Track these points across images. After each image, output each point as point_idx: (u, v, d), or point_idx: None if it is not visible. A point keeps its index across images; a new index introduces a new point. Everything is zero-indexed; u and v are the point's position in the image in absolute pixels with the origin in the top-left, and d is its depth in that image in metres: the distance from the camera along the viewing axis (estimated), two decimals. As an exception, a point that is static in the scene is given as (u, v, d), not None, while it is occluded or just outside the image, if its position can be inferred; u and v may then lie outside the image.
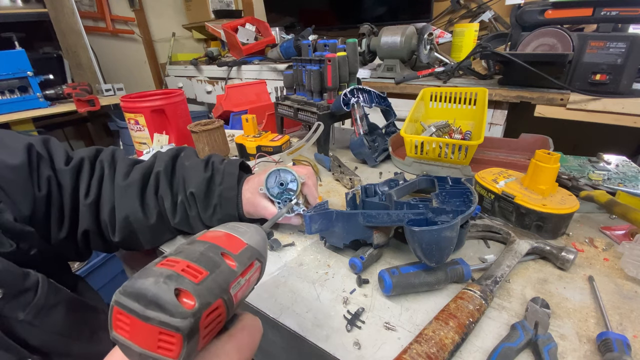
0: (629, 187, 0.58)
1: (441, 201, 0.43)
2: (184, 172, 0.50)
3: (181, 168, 0.50)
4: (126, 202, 0.46)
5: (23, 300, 0.34)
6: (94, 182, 0.46)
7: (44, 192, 0.42)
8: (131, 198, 0.46)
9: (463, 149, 0.65)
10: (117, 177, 0.47)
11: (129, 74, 2.66)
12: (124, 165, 0.49)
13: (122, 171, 0.48)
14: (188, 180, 0.49)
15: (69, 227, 0.44)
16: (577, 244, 0.47)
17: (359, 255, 0.43)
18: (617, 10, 0.90)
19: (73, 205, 0.44)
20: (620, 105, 0.95)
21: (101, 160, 0.48)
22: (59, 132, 2.31)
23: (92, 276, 1.11)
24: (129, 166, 0.49)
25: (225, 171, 0.50)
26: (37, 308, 0.35)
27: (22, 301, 0.34)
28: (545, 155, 0.47)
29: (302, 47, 0.83)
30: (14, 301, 0.33)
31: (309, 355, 0.36)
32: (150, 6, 2.68)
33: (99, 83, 1.99)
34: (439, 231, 0.35)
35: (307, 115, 0.79)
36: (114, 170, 0.48)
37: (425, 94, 0.85)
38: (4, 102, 1.54)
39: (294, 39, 1.71)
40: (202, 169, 0.50)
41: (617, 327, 0.34)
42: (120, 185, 0.46)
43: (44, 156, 0.44)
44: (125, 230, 0.47)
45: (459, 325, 0.32)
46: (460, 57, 1.36)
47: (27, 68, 1.56)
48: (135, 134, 0.87)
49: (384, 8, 1.81)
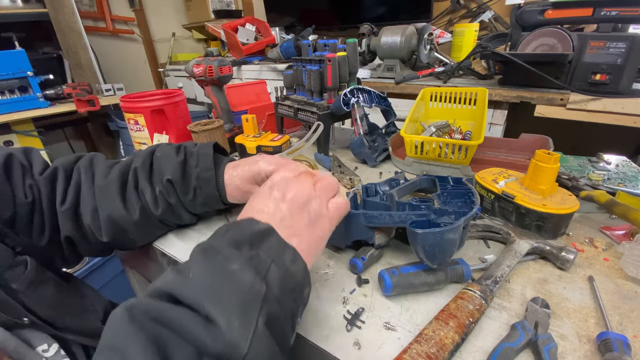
0: (629, 187, 0.58)
1: (443, 202, 0.43)
2: (158, 164, 0.49)
3: (156, 160, 0.50)
4: (107, 201, 0.46)
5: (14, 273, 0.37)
6: (70, 189, 0.46)
7: (29, 199, 0.43)
8: (111, 196, 0.46)
9: (463, 149, 0.65)
10: (97, 179, 0.47)
11: (129, 74, 2.66)
12: (103, 167, 0.49)
13: (101, 173, 0.48)
14: (163, 169, 0.48)
15: (50, 234, 0.45)
16: (577, 244, 0.47)
17: (360, 256, 0.43)
18: (617, 10, 0.90)
19: (51, 213, 0.45)
20: (620, 105, 0.95)
21: (78, 167, 0.48)
22: (59, 132, 2.31)
23: (92, 276, 1.11)
24: (107, 167, 0.49)
25: (199, 153, 0.49)
26: (28, 280, 0.38)
27: (13, 273, 0.37)
28: (545, 155, 0.47)
29: (302, 47, 0.83)
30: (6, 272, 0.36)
31: (309, 355, 0.36)
32: (150, 6, 2.68)
33: (99, 83, 1.99)
34: (442, 233, 0.35)
35: (307, 115, 0.79)
36: (92, 174, 0.48)
37: (425, 94, 0.85)
38: (4, 102, 1.55)
39: (294, 39, 1.71)
40: (174, 154, 0.49)
41: (617, 327, 0.34)
42: (99, 185, 0.47)
43: (25, 165, 0.45)
44: (112, 229, 0.47)
45: (459, 325, 0.32)
46: (460, 57, 1.36)
47: (27, 68, 1.56)
48: (135, 134, 0.87)
49: (384, 8, 1.81)
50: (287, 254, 0.30)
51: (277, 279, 0.28)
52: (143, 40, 2.70)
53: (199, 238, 0.53)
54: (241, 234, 0.30)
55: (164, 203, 0.48)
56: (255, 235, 0.30)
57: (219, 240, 0.29)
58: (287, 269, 0.29)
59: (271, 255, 0.29)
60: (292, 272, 0.29)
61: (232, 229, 0.31)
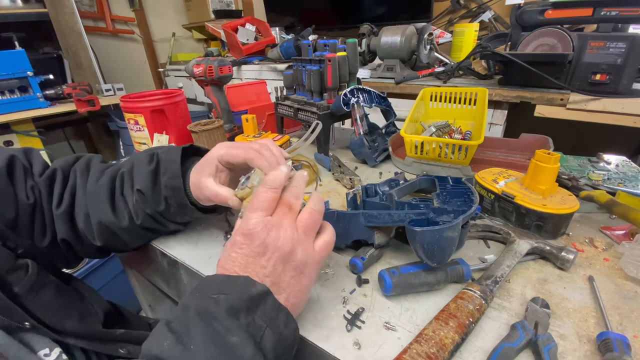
0: (629, 187, 0.58)
1: (442, 201, 0.43)
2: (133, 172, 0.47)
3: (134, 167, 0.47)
4: (97, 206, 0.46)
5: (16, 276, 0.37)
6: (67, 192, 0.46)
7: (31, 200, 0.43)
8: (101, 201, 0.46)
9: (463, 149, 0.65)
10: (89, 183, 0.47)
11: (129, 74, 2.66)
12: (97, 170, 0.48)
13: (94, 177, 0.47)
14: (135, 178, 0.46)
15: (51, 236, 0.45)
16: (577, 244, 0.47)
17: (360, 256, 0.43)
18: (617, 10, 0.90)
19: (51, 214, 0.45)
20: (620, 105, 0.95)
21: (74, 169, 0.48)
22: (59, 132, 2.31)
23: (92, 276, 1.11)
24: (99, 172, 0.48)
25: (167, 159, 0.46)
26: (30, 284, 0.38)
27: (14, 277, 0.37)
28: (545, 155, 0.47)
29: (302, 47, 0.83)
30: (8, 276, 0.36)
31: (309, 355, 0.36)
32: (150, 6, 2.68)
33: (99, 83, 1.99)
34: (440, 231, 0.35)
35: (307, 115, 0.79)
36: (86, 177, 0.47)
37: (425, 94, 0.85)
38: (4, 102, 1.54)
39: (294, 39, 1.71)
40: (147, 163, 0.46)
41: (617, 327, 0.34)
42: (90, 190, 0.46)
43: (27, 167, 0.45)
44: (104, 234, 0.46)
45: (459, 325, 0.32)
46: (460, 57, 1.36)
47: (27, 68, 1.56)
48: (135, 134, 0.87)
49: (384, 8, 1.81)
50: (281, 317, 0.30)
51: (272, 344, 0.28)
52: (143, 40, 2.70)
53: (198, 239, 0.53)
54: (238, 299, 0.28)
55: (142, 213, 0.46)
56: (252, 299, 0.29)
57: (216, 305, 0.28)
58: (281, 333, 0.29)
59: (266, 320, 0.29)
60: (285, 336, 0.30)
61: (228, 288, 0.29)
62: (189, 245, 0.52)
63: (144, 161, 0.46)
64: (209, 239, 0.53)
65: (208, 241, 0.52)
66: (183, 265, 0.48)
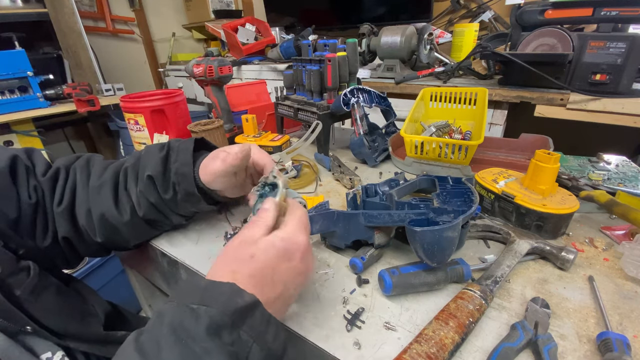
0: (629, 187, 0.58)
1: (442, 201, 0.43)
2: (143, 161, 0.48)
3: (142, 158, 0.48)
4: (100, 201, 0.46)
5: (17, 279, 0.37)
6: (67, 190, 0.46)
7: (33, 200, 0.43)
8: (104, 196, 0.46)
9: (463, 149, 0.65)
10: (92, 179, 0.47)
11: (129, 74, 2.66)
12: (99, 167, 0.49)
13: (97, 173, 0.48)
14: (145, 165, 0.47)
15: (53, 235, 0.45)
16: (577, 244, 0.47)
17: (360, 256, 0.43)
18: (617, 10, 0.90)
19: (52, 213, 0.45)
20: (620, 105, 0.95)
21: (74, 167, 0.48)
22: (59, 132, 2.31)
23: (92, 276, 1.11)
24: (103, 168, 0.48)
25: (180, 148, 0.48)
26: (31, 286, 0.38)
27: (16, 279, 0.37)
28: (545, 155, 0.47)
29: (302, 47, 0.83)
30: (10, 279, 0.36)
31: (309, 355, 0.36)
32: (150, 6, 2.68)
33: (99, 83, 1.99)
34: (440, 231, 0.35)
35: (307, 115, 0.79)
36: (87, 174, 0.48)
37: (425, 94, 0.85)
38: (4, 102, 1.54)
39: (294, 39, 1.71)
40: (158, 150, 0.48)
41: (617, 327, 0.34)
42: (93, 185, 0.46)
43: (29, 166, 0.45)
44: (105, 229, 0.47)
45: (459, 325, 0.32)
46: (460, 57, 1.36)
47: (27, 68, 1.55)
48: (135, 134, 0.87)
49: (384, 8, 1.81)
50: (270, 330, 0.28)
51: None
52: (143, 40, 2.70)
53: (198, 238, 0.53)
54: (221, 313, 0.26)
55: (145, 202, 0.47)
56: (238, 312, 0.26)
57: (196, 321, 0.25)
58: (270, 348, 0.27)
59: (253, 336, 0.26)
60: (274, 350, 0.28)
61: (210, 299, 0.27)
62: (189, 245, 0.52)
63: (155, 149, 0.48)
64: (209, 238, 0.53)
65: (208, 241, 0.52)
66: (183, 265, 0.48)
